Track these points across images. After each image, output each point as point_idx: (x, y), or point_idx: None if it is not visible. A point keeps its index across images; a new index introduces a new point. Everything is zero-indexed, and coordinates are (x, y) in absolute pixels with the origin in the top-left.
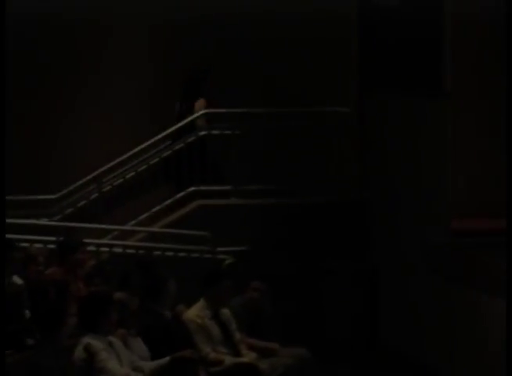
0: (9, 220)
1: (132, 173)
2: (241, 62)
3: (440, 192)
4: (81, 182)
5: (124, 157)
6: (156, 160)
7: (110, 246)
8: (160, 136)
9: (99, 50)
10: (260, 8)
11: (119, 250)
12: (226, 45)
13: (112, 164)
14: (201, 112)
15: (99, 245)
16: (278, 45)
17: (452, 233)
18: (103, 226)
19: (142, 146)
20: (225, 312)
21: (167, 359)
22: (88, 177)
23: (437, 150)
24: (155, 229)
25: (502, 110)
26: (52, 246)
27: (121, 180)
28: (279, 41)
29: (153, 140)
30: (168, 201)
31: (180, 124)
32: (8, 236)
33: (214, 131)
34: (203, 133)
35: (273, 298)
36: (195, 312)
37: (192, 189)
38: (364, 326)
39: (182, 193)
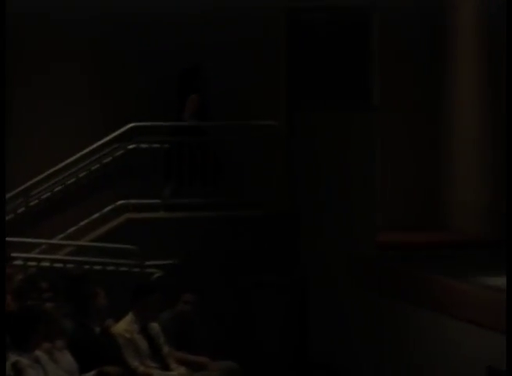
0: None
1: (60, 186)
2: (169, 74)
3: (367, 204)
4: (8, 195)
5: (52, 170)
6: (84, 173)
7: (38, 260)
8: (86, 150)
9: (36, 60)
10: (186, 14)
11: (47, 264)
12: (154, 57)
13: (39, 177)
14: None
15: (26, 259)
16: (205, 58)
17: (379, 246)
18: (31, 240)
19: (71, 159)
20: (154, 326)
21: (91, 373)
22: (15, 191)
23: (365, 163)
24: (83, 242)
25: (432, 120)
26: None
27: (49, 194)
28: (206, 55)
29: (79, 154)
30: (96, 215)
31: (106, 139)
32: None
33: (143, 145)
34: (132, 146)
35: (203, 311)
36: (123, 327)
37: (121, 202)
38: (293, 339)
39: (110, 207)
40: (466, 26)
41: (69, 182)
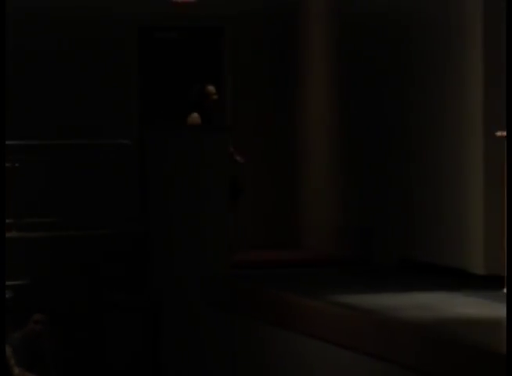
0: None
1: None
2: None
3: (221, 223)
4: None
5: None
6: None
7: None
8: None
9: None
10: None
11: None
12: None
13: None
14: None
15: None
16: (57, 74)
17: (234, 265)
18: None
19: None
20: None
21: None
22: None
23: (217, 183)
24: None
25: (284, 140)
26: None
27: None
28: (58, 71)
29: None
30: None
31: None
32: None
33: None
34: None
35: (56, 331)
36: None
37: None
38: (147, 360)
39: None
40: (317, 47)
41: None
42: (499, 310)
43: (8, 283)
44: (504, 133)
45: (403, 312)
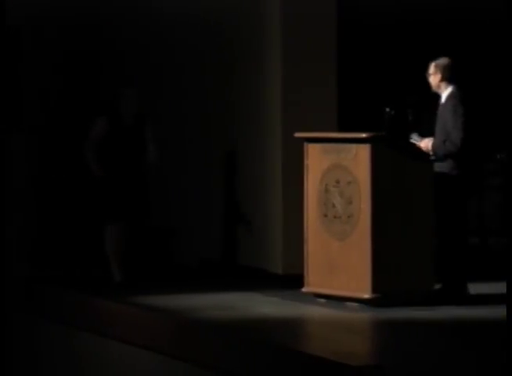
0: None
1: None
2: None
3: (23, 224)
4: None
5: None
6: None
7: None
8: None
9: None
10: None
11: None
12: None
13: None
14: None
15: None
16: None
17: (33, 265)
18: None
19: None
20: None
21: None
22: None
23: (22, 183)
24: None
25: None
26: None
27: None
28: None
29: None
30: None
31: None
32: None
33: None
34: None
35: None
36: None
37: None
38: None
39: None
40: None
41: None
42: (297, 309)
43: None
44: (302, 134)
45: (203, 313)
